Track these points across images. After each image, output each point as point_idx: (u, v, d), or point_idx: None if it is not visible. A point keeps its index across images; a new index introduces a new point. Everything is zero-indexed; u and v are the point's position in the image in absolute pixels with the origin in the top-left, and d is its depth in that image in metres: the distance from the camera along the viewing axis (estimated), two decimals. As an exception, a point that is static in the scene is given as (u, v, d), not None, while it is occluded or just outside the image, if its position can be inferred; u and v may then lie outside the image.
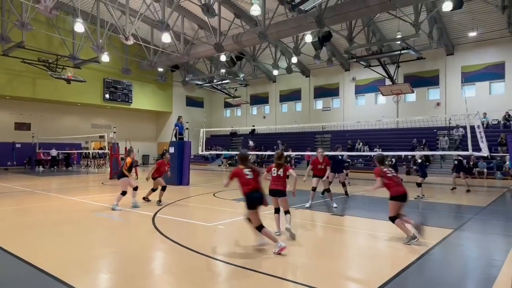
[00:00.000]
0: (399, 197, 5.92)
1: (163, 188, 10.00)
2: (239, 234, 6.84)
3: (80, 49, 22.80)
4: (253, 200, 5.30)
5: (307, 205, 9.42)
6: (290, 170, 6.37)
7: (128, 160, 9.12)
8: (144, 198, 10.08)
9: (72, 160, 27.90)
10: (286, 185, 6.33)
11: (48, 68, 22.63)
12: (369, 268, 4.93)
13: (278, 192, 6.21)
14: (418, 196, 11.28)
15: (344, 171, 13.64)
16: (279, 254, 5.14)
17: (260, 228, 5.34)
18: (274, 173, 6.30)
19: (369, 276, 4.58)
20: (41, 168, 25.25)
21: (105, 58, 21.59)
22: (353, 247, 6.02)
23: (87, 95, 27.10)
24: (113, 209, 8.79)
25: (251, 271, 4.56)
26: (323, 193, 11.73)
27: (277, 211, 6.38)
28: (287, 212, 6.26)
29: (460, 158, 13.68)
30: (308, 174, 9.08)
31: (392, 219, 6.00)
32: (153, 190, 10.09)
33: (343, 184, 11.90)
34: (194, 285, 4.16)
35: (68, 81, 23.32)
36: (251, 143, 30.97)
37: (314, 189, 9.49)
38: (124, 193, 9.01)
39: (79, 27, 18.42)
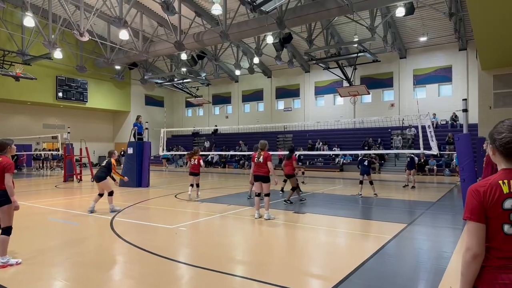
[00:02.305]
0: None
1: (293, 189, 10.30)
2: (202, 236, 6.79)
3: (30, 45, 21.51)
4: None
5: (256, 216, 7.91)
6: (200, 161, 10.76)
7: (113, 161, 9.07)
8: (281, 190, 11.71)
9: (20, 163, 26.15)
10: (200, 170, 10.82)
11: (-6, 64, 21.11)
12: (328, 264, 5.08)
13: (194, 174, 10.83)
14: (358, 193, 11.50)
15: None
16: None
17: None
18: (192, 162, 10.74)
19: (329, 271, 4.71)
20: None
21: (57, 54, 20.46)
22: (312, 244, 6.15)
23: (38, 94, 25.58)
24: (113, 211, 8.67)
25: (213, 271, 4.53)
26: (282, 190, 12.00)
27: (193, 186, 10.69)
28: (198, 185, 11.09)
29: (412, 155, 14.26)
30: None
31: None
32: (294, 189, 10.29)
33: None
34: (156, 288, 4.06)
35: (16, 78, 21.82)
36: (206, 143, 31.05)
37: (258, 194, 7.99)
38: (111, 193, 8.88)
39: (29, 21, 17.37)
